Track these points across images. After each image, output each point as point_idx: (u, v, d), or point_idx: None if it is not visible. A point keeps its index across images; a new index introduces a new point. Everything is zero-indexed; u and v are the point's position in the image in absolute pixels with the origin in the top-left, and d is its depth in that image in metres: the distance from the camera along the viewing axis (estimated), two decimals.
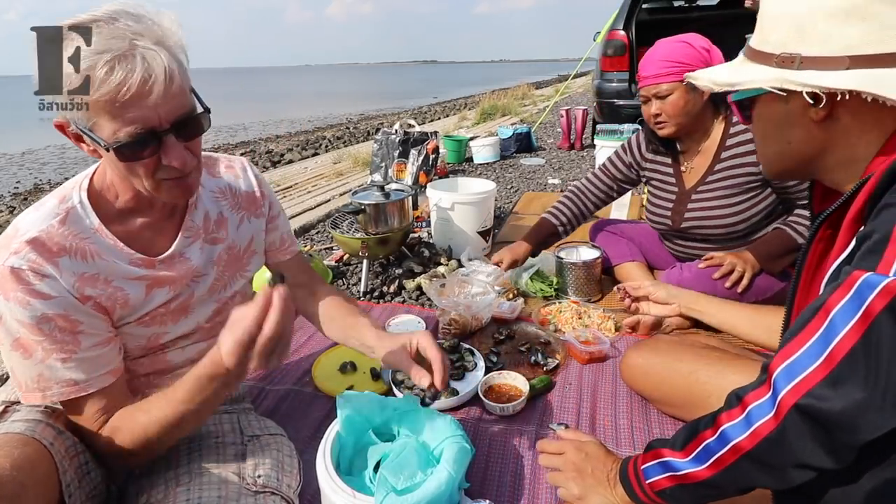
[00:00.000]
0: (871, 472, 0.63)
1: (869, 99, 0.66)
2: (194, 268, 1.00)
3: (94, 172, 0.91)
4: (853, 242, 0.65)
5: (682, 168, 1.78)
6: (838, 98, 0.68)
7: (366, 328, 1.13)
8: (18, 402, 0.93)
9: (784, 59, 0.71)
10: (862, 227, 0.65)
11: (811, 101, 0.70)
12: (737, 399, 0.71)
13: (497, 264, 1.89)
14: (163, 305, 0.95)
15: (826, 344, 0.60)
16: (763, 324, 1.29)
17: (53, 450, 0.83)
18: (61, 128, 0.79)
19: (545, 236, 1.99)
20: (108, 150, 0.77)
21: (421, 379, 0.99)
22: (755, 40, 0.77)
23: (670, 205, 1.80)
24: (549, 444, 1.07)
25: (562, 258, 1.98)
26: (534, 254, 1.98)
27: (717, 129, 1.67)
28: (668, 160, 1.82)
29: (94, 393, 0.86)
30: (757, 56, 0.76)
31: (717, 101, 1.65)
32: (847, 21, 0.67)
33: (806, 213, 1.59)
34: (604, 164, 2.00)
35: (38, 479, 0.78)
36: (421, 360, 1.03)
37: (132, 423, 0.87)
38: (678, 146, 1.78)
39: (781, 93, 0.71)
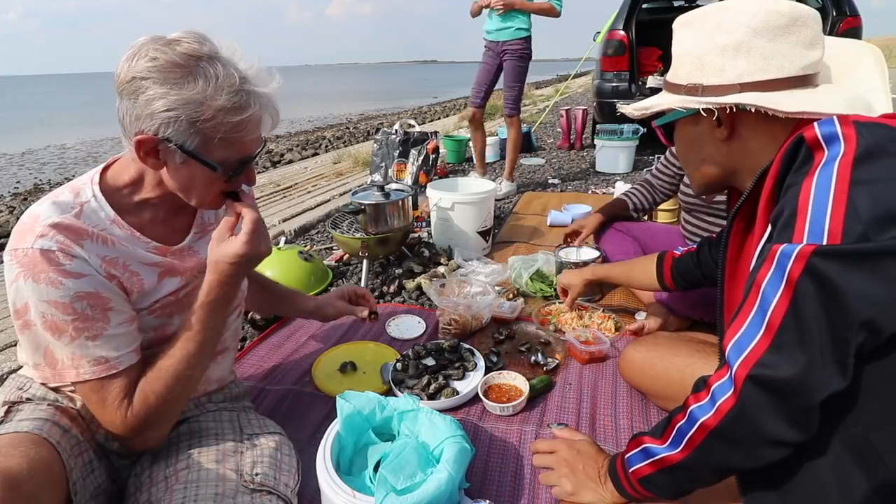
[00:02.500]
0: (832, 459, 0.65)
1: (753, 110, 0.78)
2: (203, 260, 1.03)
3: (107, 169, 0.94)
4: (769, 226, 0.72)
5: None
6: (727, 112, 0.81)
7: (300, 296, 1.49)
8: (21, 401, 0.93)
9: (690, 88, 0.85)
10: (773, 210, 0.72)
11: (716, 122, 0.83)
12: (703, 382, 0.76)
13: (572, 235, 2.14)
14: (172, 294, 0.98)
15: (763, 315, 0.66)
16: (645, 268, 1.51)
17: (60, 448, 0.84)
18: (140, 143, 0.83)
19: (617, 210, 2.14)
20: (214, 169, 0.87)
21: (361, 312, 1.45)
22: (669, 74, 0.91)
23: None
24: (542, 444, 1.09)
25: (562, 258, 1.98)
26: (605, 225, 2.14)
27: None
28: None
29: (122, 371, 0.88)
30: (670, 87, 0.90)
31: None
32: (735, 55, 0.81)
33: None
34: (668, 151, 2.04)
35: (53, 480, 0.80)
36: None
37: (153, 381, 0.91)
38: None
39: (684, 112, 0.85)
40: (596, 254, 1.98)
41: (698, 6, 5.70)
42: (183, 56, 0.80)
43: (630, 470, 0.87)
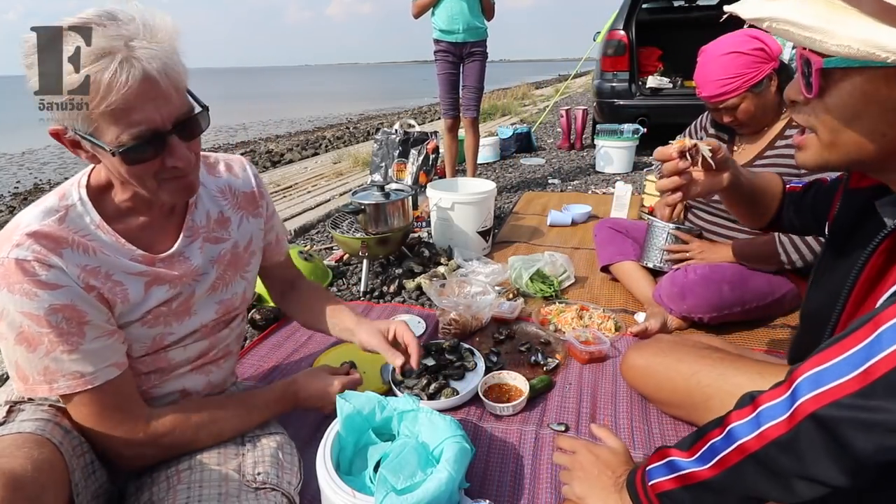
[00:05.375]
0: (885, 493, 0.60)
1: None
2: (195, 267, 1.00)
3: (92, 171, 0.91)
4: None
5: (735, 147, 1.77)
6: None
7: (345, 313, 1.26)
8: (23, 401, 0.93)
9: None
10: None
11: None
12: (750, 399, 0.68)
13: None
14: (164, 304, 0.95)
15: (867, 358, 0.55)
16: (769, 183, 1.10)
17: (63, 449, 0.84)
18: (57, 135, 0.79)
19: None
20: (113, 154, 0.77)
21: (395, 358, 1.14)
22: None
23: None
24: (565, 441, 1.04)
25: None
26: None
27: (783, 118, 1.65)
28: (726, 137, 1.81)
29: (101, 386, 0.86)
30: (886, 10, 0.52)
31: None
32: None
33: (799, 243, 1.57)
34: (682, 136, 2.01)
35: (56, 481, 0.79)
36: (396, 345, 1.19)
37: (184, 426, 0.95)
38: (739, 129, 1.74)
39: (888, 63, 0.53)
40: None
41: (698, 6, 5.67)
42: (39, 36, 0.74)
43: (650, 483, 0.79)
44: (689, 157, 0.99)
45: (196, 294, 1.01)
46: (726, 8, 0.63)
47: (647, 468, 0.81)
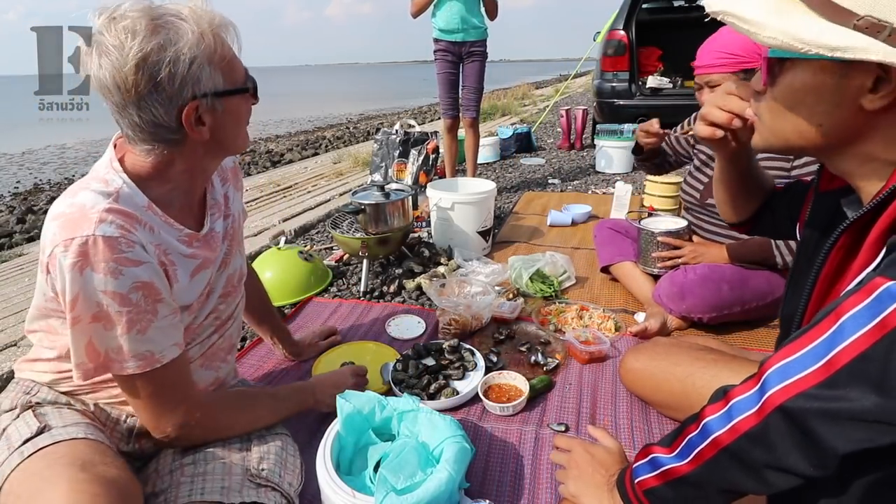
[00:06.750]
0: (858, 482, 0.61)
1: None
2: (219, 241, 1.03)
3: (122, 158, 0.88)
4: (882, 252, 0.60)
5: None
6: None
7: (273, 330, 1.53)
8: (30, 404, 0.93)
9: (870, 24, 0.55)
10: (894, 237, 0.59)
11: (872, 85, 0.58)
12: (723, 393, 0.70)
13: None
14: (205, 289, 0.99)
15: (830, 348, 0.57)
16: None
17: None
18: (188, 115, 0.82)
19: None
20: (246, 91, 0.89)
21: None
22: None
23: (706, 179, 1.80)
24: (562, 440, 1.05)
25: (651, 228, 1.88)
26: (648, 155, 1.95)
27: None
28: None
29: (166, 365, 0.87)
30: (831, 11, 0.57)
31: None
32: None
33: (794, 245, 1.58)
34: (674, 129, 1.94)
35: (139, 487, 0.84)
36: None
37: (231, 408, 1.01)
38: None
39: (825, 56, 0.56)
40: (684, 222, 1.90)
41: (698, 6, 5.68)
42: (144, 13, 0.77)
43: (636, 480, 0.80)
44: None
45: (215, 270, 1.04)
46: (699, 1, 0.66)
47: (633, 466, 0.83)
